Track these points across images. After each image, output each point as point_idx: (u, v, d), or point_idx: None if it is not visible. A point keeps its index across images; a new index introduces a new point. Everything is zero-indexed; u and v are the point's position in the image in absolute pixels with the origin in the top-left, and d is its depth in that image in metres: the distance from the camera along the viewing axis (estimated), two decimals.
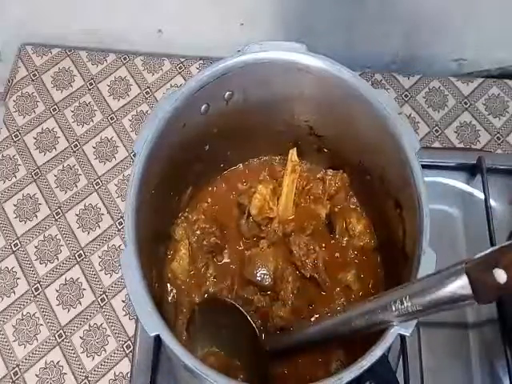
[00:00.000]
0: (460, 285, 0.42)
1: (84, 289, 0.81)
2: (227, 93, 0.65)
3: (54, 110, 0.93)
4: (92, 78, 0.95)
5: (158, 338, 0.51)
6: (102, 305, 0.80)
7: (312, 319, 0.68)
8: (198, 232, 0.73)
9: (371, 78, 0.94)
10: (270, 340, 0.66)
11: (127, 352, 0.77)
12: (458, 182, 0.84)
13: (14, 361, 0.77)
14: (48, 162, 0.89)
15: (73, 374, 0.76)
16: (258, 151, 0.78)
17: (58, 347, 0.78)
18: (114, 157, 0.89)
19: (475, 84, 0.94)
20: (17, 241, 0.84)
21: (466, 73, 0.98)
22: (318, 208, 0.74)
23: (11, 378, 0.76)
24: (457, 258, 0.78)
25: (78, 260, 0.83)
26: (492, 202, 0.78)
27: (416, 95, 0.93)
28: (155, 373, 0.72)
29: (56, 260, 0.82)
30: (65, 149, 0.90)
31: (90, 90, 0.95)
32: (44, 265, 0.82)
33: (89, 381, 0.76)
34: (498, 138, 0.90)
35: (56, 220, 0.85)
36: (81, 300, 0.80)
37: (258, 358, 0.64)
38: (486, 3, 0.86)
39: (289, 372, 0.66)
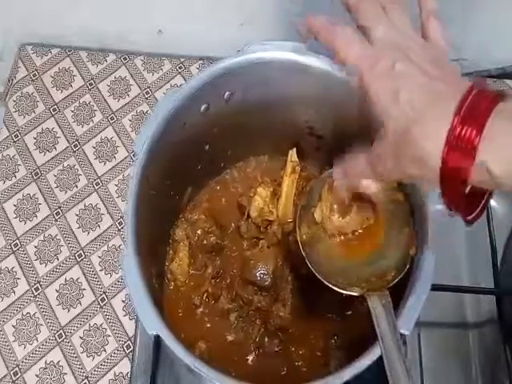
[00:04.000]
0: None
1: (84, 289, 0.81)
2: (227, 93, 0.66)
3: (54, 110, 0.93)
4: (92, 78, 0.95)
5: (157, 338, 0.52)
6: (102, 305, 0.80)
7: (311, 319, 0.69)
8: (199, 232, 0.73)
9: None
10: None
11: (127, 352, 0.77)
12: None
13: (14, 361, 0.77)
14: (48, 162, 0.89)
15: (73, 374, 0.76)
16: (258, 151, 0.78)
17: (57, 347, 0.78)
18: (114, 157, 0.89)
19: None
20: (17, 241, 0.84)
21: (466, 73, 0.98)
22: None
23: (11, 377, 0.76)
24: (457, 258, 0.79)
25: (78, 260, 0.83)
26: (492, 202, 0.78)
27: None
28: (155, 373, 0.72)
29: (56, 260, 0.82)
30: (65, 149, 0.90)
31: (90, 90, 0.95)
32: (44, 265, 0.82)
33: (89, 381, 0.76)
34: None
35: (56, 220, 0.85)
36: (81, 300, 0.80)
37: None
38: (486, 3, 0.85)
39: (288, 372, 0.66)
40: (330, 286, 0.57)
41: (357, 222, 0.60)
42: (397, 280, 0.56)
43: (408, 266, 0.56)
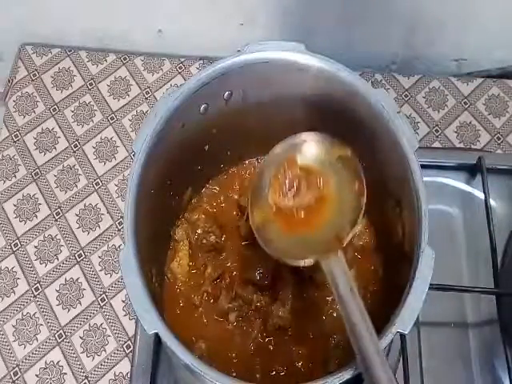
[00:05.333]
0: None
1: (84, 289, 0.81)
2: (227, 93, 0.65)
3: (54, 110, 0.93)
4: (92, 78, 0.95)
5: (157, 337, 0.52)
6: (101, 305, 0.80)
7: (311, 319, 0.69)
8: (199, 231, 0.73)
9: (371, 77, 0.94)
10: None
11: (127, 352, 0.77)
12: (457, 182, 0.84)
13: (14, 361, 0.77)
14: (48, 162, 0.89)
15: (73, 374, 0.76)
16: (258, 151, 0.78)
17: (57, 347, 0.78)
18: (114, 157, 0.90)
19: (475, 84, 0.94)
20: (17, 241, 0.84)
21: (466, 73, 0.98)
22: None
23: (11, 377, 0.76)
24: (457, 258, 0.79)
25: (78, 260, 0.83)
26: (492, 202, 0.78)
27: (416, 95, 0.93)
28: (155, 373, 0.72)
29: (56, 260, 0.83)
30: (65, 149, 0.90)
31: (90, 89, 0.95)
32: (44, 265, 0.82)
33: (89, 381, 0.76)
34: (498, 138, 0.90)
35: (56, 220, 0.85)
36: (81, 300, 0.80)
37: None
38: (485, 3, 0.86)
39: (287, 371, 0.66)
40: (285, 261, 0.57)
41: (309, 197, 0.59)
42: (351, 235, 0.55)
43: (361, 218, 0.56)
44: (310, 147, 0.62)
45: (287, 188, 0.60)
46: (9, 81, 0.97)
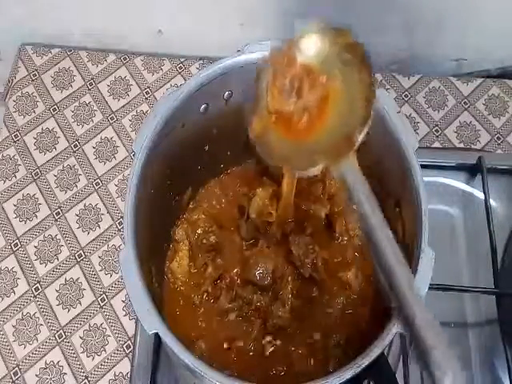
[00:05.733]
0: None
1: (84, 289, 0.81)
2: (227, 92, 0.66)
3: (54, 110, 0.93)
4: (92, 78, 0.95)
5: (157, 337, 0.52)
6: (101, 305, 0.80)
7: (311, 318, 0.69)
8: (199, 231, 0.73)
9: None
10: None
11: (127, 352, 0.77)
12: (457, 182, 0.84)
13: (14, 361, 0.77)
14: (48, 162, 0.89)
15: (73, 374, 0.76)
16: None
17: (57, 347, 0.78)
18: (114, 157, 0.90)
19: (475, 84, 0.94)
20: (17, 241, 0.84)
21: (466, 73, 0.98)
22: (318, 208, 0.74)
23: (11, 377, 0.76)
24: (457, 258, 0.79)
25: (78, 260, 0.83)
26: (492, 202, 0.78)
27: (416, 95, 0.93)
28: (155, 373, 0.72)
29: (56, 260, 0.83)
30: (65, 149, 0.90)
31: (89, 89, 0.95)
32: (44, 265, 0.82)
33: (89, 381, 0.76)
34: (498, 138, 0.90)
35: (56, 220, 0.85)
36: (81, 300, 0.80)
37: None
38: (485, 3, 0.86)
39: (287, 371, 0.66)
40: (291, 172, 0.54)
41: (313, 97, 0.52)
42: (363, 135, 0.49)
43: (372, 113, 0.50)
44: (309, 41, 0.54)
45: (288, 91, 0.53)
46: (9, 81, 0.97)
